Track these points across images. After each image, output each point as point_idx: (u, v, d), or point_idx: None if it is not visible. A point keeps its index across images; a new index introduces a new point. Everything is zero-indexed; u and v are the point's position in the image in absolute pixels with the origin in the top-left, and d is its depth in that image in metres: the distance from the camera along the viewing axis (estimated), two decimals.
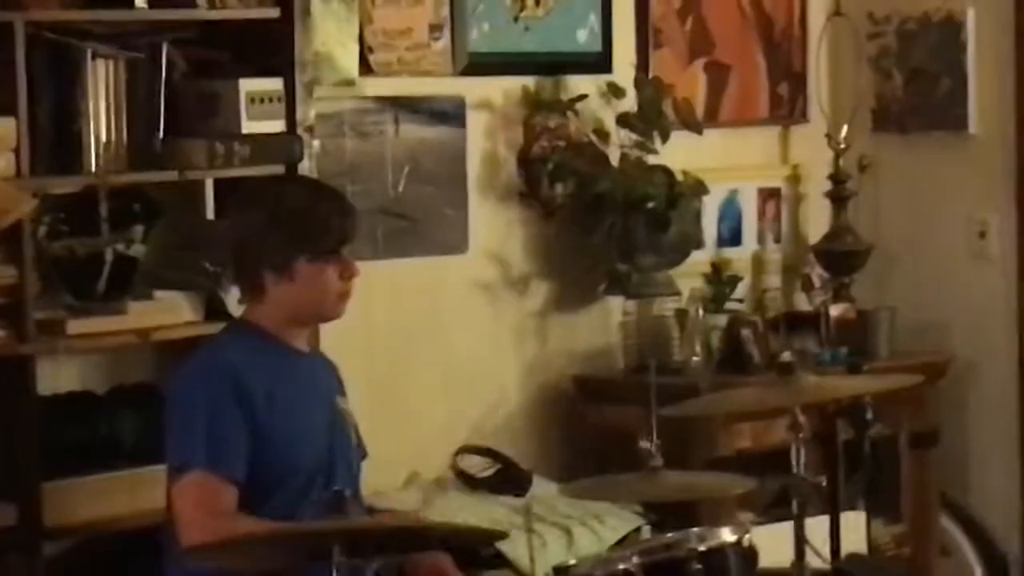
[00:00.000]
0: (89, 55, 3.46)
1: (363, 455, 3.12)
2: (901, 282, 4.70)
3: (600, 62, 4.40)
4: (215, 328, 3.31)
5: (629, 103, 4.26)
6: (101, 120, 3.43)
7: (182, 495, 2.85)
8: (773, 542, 3.07)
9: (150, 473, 3.29)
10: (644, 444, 3.10)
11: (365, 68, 3.97)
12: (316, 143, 3.78)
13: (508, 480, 3.82)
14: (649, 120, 4.21)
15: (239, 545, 2.56)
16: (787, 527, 2.98)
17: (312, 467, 2.95)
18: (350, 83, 3.93)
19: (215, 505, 2.85)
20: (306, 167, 3.62)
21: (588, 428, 4.19)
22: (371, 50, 4.00)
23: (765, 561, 2.93)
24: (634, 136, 4.22)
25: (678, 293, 4.26)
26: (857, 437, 4.05)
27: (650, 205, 4.12)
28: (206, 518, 2.81)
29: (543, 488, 3.80)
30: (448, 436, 4.03)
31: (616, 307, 4.29)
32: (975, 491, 4.54)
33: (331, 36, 3.99)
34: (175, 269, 3.62)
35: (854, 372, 4.00)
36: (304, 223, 3.06)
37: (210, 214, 3.73)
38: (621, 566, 2.66)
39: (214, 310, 3.55)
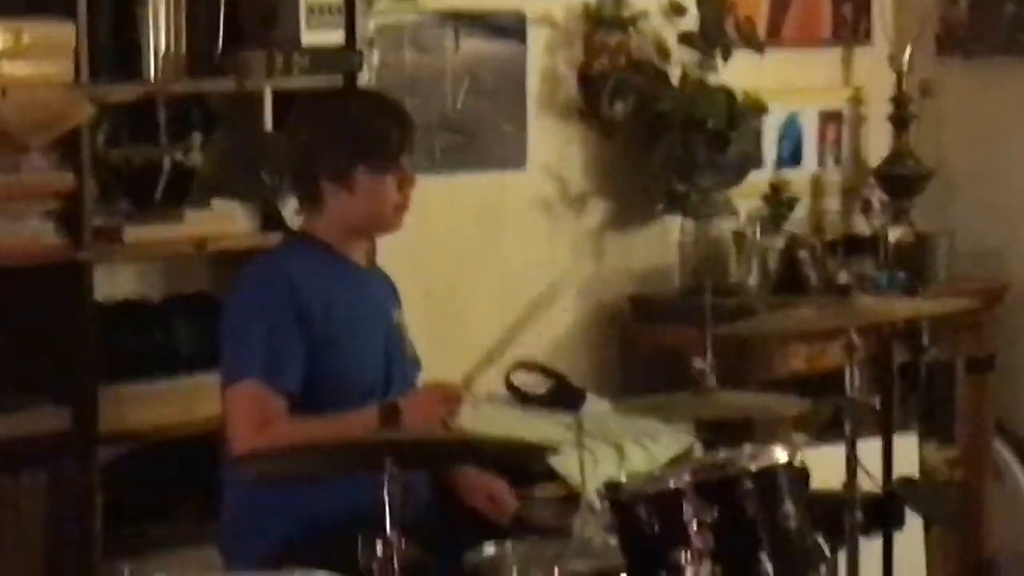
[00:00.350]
0: None
1: (417, 368, 3.05)
2: (961, 207, 4.58)
3: None
4: (272, 239, 3.23)
5: (691, 21, 4.14)
6: (160, 28, 3.26)
7: (234, 404, 2.82)
8: (825, 464, 2.96)
9: (205, 381, 3.20)
10: (698, 364, 2.98)
11: None
12: (375, 56, 3.68)
13: (561, 397, 3.47)
14: (710, 39, 4.11)
15: (289, 454, 2.51)
16: (839, 449, 2.97)
17: (369, 379, 2.88)
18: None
19: (266, 416, 2.78)
20: (365, 79, 3.52)
21: (643, 347, 4.14)
22: None
23: (816, 483, 2.80)
24: (695, 55, 4.13)
25: (736, 213, 4.17)
26: (913, 360, 4.13)
27: (710, 125, 4.02)
28: (256, 428, 2.77)
29: (596, 406, 3.54)
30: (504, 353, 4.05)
31: (674, 227, 4.19)
32: None
33: None
34: (233, 179, 3.52)
35: (911, 296, 4.06)
36: (364, 133, 2.97)
37: (268, 125, 3.48)
38: (672, 484, 2.54)
39: (271, 221, 3.42)
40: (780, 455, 2.65)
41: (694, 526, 2.42)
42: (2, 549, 3.20)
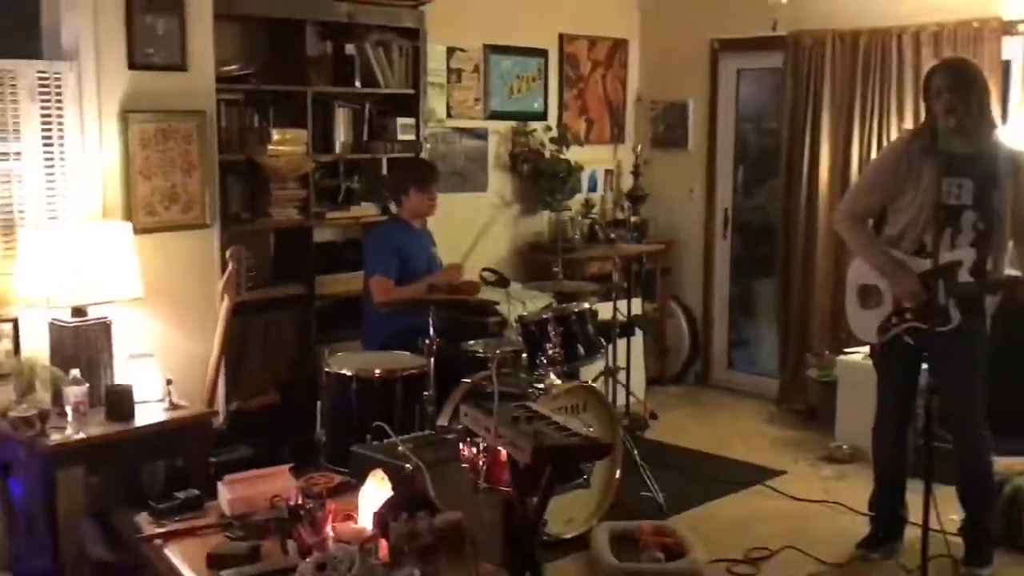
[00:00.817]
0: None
1: (442, 266, 5.03)
2: (656, 208, 6.91)
3: (543, 116, 6.59)
4: (384, 219, 5.29)
5: (553, 134, 6.54)
6: (341, 128, 5.35)
7: (372, 283, 4.74)
8: (604, 309, 5.22)
9: (357, 274, 5.08)
10: (555, 269, 5.54)
11: (448, 115, 6.12)
12: (427, 145, 5.76)
13: (501, 281, 5.26)
14: (562, 140, 6.51)
15: (403, 301, 4.54)
16: (610, 303, 5.27)
17: (423, 272, 4.84)
18: (441, 121, 6.08)
19: (386, 287, 4.71)
20: (423, 154, 5.61)
21: (534, 263, 6.39)
22: (450, 108, 6.12)
23: (601, 316, 4.94)
24: (556, 146, 6.48)
25: (570, 209, 6.58)
26: (638, 269, 5.98)
27: (561, 174, 6.41)
28: (383, 293, 4.69)
29: (515, 286, 5.65)
30: (475, 265, 5.43)
31: (545, 215, 6.58)
32: None
33: (434, 101, 5.94)
34: (370, 193, 5.58)
35: (638, 243, 6.26)
36: (416, 172, 5.02)
37: (384, 171, 5.62)
38: (545, 316, 4.42)
39: (386, 211, 5.43)
40: (585, 306, 4.64)
41: (553, 335, 4.31)
42: (266, 349, 5.09)
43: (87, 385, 3.81)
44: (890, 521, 4.26)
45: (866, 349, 4.53)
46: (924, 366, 4.03)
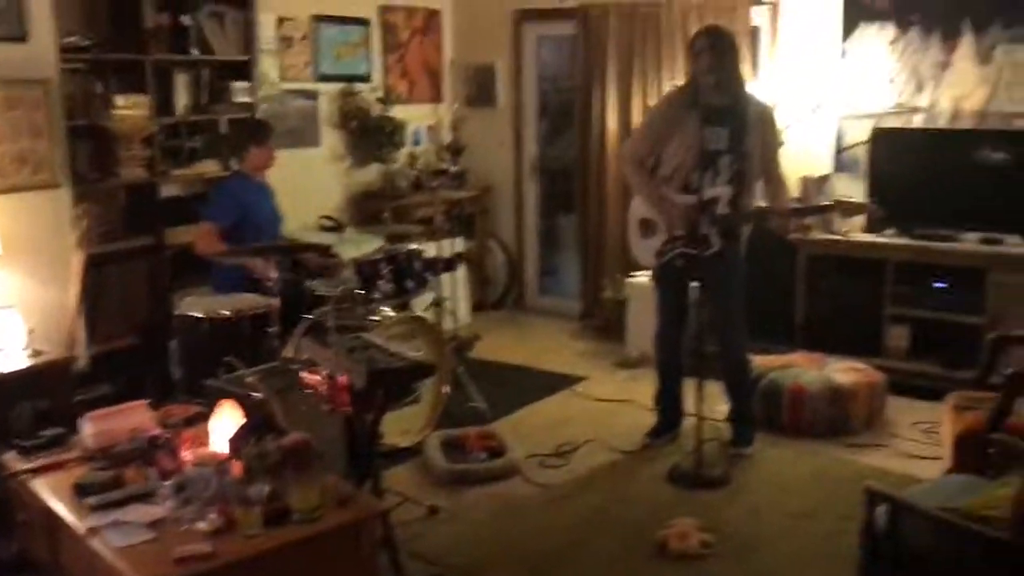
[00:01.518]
0: None
1: (281, 220, 4.88)
2: (473, 159, 6.90)
3: (368, 78, 6.45)
4: (227, 173, 5.05)
5: (378, 94, 6.41)
6: (182, 95, 5.22)
7: (200, 229, 4.54)
8: (432, 250, 5.13)
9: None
10: (385, 215, 5.63)
11: (280, 79, 5.93)
12: (262, 106, 5.60)
13: (338, 227, 5.64)
14: (388, 100, 6.45)
15: (224, 254, 4.37)
16: (434, 245, 5.10)
17: (264, 227, 4.65)
18: (274, 84, 5.89)
19: (208, 233, 4.50)
20: (259, 115, 5.41)
21: (367, 210, 6.27)
22: (282, 72, 5.93)
23: (428, 254, 4.86)
24: (381, 105, 6.37)
25: (396, 162, 6.49)
26: (471, 212, 6.63)
27: (388, 130, 6.35)
28: (208, 244, 4.50)
29: (351, 231, 5.82)
30: (313, 213, 5.89)
31: (376, 166, 6.45)
32: None
33: (267, 66, 5.77)
34: (213, 152, 5.33)
35: (458, 189, 6.73)
36: (254, 131, 4.85)
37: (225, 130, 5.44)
38: (377, 257, 4.48)
39: (227, 166, 5.24)
40: (413, 246, 4.71)
41: (385, 273, 4.43)
42: (123, 296, 4.91)
43: None
44: (671, 413, 4.48)
45: (649, 272, 4.66)
46: (694, 284, 4.20)
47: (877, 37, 5.41)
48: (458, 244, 6.18)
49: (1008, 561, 2.25)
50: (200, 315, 4.09)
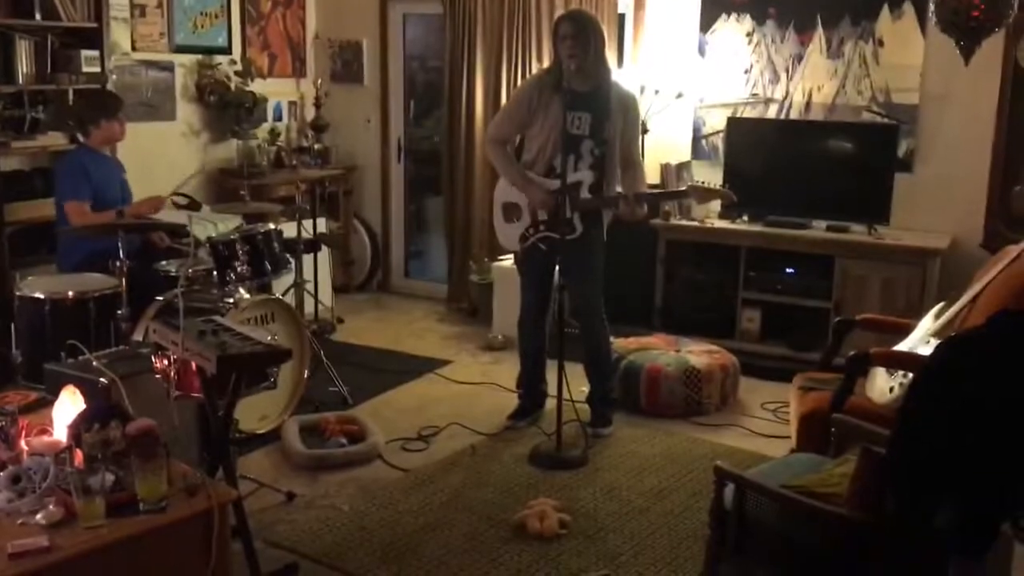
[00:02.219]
0: None
1: (131, 198, 4.78)
2: (337, 136, 6.80)
3: (228, 51, 6.29)
4: (74, 147, 4.90)
5: (237, 67, 6.27)
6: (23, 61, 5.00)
7: (69, 208, 4.47)
8: (289, 229, 5.18)
9: (47, 201, 4.90)
10: (242, 191, 5.15)
11: (133, 49, 5.73)
12: (113, 76, 5.46)
13: (193, 205, 5.27)
14: (246, 74, 6.29)
15: (98, 226, 4.19)
16: (295, 224, 5.21)
17: (114, 205, 4.52)
18: (127, 54, 5.69)
19: (82, 211, 4.46)
20: (108, 87, 5.25)
21: (224, 188, 6.08)
22: (134, 42, 5.73)
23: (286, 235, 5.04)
24: (240, 79, 6.24)
25: (256, 138, 6.36)
26: (325, 191, 6.89)
27: (247, 105, 6.20)
28: (78, 216, 4.43)
29: (206, 210, 5.47)
30: (166, 190, 5.46)
31: (234, 142, 6.31)
32: None
33: (118, 35, 5.57)
34: (60, 124, 5.15)
35: (321, 168, 6.32)
36: (102, 103, 4.74)
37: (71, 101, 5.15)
38: (232, 237, 4.23)
39: (73, 139, 5.04)
40: (271, 226, 4.48)
41: (241, 254, 4.19)
42: None
43: None
44: (533, 395, 4.55)
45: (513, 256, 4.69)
46: (557, 268, 4.28)
47: (735, 28, 5.61)
48: (321, 224, 6.02)
49: (845, 536, 2.37)
50: (42, 296, 3.91)
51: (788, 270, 5.32)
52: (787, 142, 5.47)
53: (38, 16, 4.97)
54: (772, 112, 5.58)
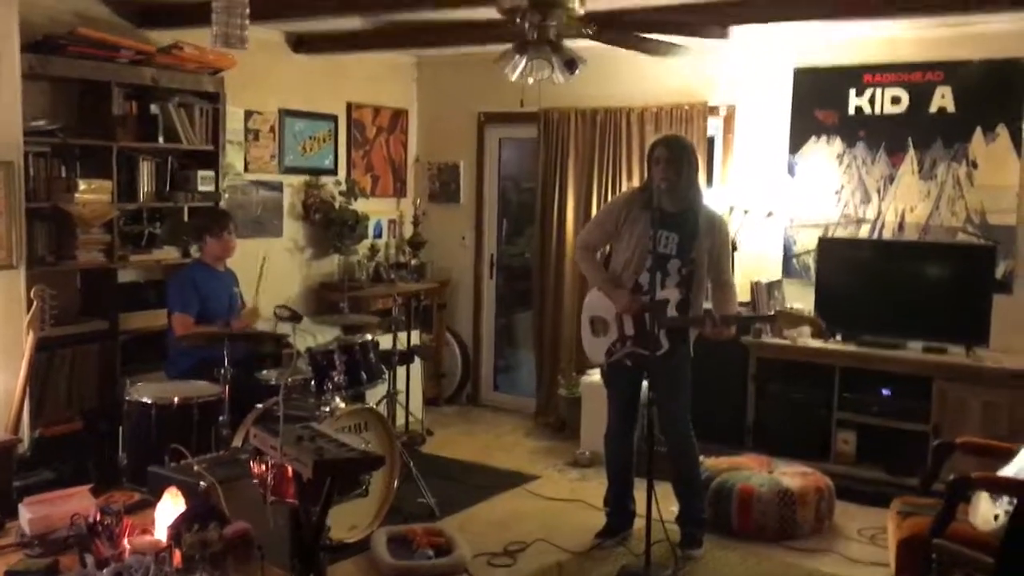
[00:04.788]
0: None
1: (244, 306, 4.96)
2: (434, 252, 6.94)
3: (334, 171, 6.57)
4: (187, 262, 5.17)
5: (342, 187, 6.53)
6: (144, 179, 5.20)
7: (174, 319, 4.67)
8: (385, 342, 5.26)
9: (159, 312, 5.02)
10: (342, 304, 5.44)
11: (245, 169, 6.00)
12: (226, 195, 5.67)
13: (293, 317, 4.36)
14: (350, 193, 6.54)
15: (193, 338, 4.42)
16: (392, 336, 5.35)
17: (221, 316, 4.68)
18: (239, 174, 5.96)
19: (187, 324, 4.62)
20: (222, 204, 5.53)
21: (324, 299, 6.33)
22: (247, 163, 6.01)
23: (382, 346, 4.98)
24: (344, 198, 6.49)
25: (357, 253, 6.56)
26: (421, 304, 6.42)
27: (350, 222, 6.41)
28: (183, 328, 4.60)
29: (306, 322, 5.16)
30: (271, 303, 5.13)
31: (335, 258, 6.54)
32: None
33: (232, 156, 5.84)
34: (173, 239, 5.40)
35: (418, 282, 6.30)
36: (212, 220, 4.96)
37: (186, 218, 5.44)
38: (331, 348, 4.41)
39: (187, 253, 5.34)
40: (368, 337, 4.64)
41: (338, 364, 4.33)
42: (72, 380, 4.90)
43: None
44: (621, 514, 4.47)
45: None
46: (645, 384, 4.27)
47: (825, 150, 5.64)
48: (415, 337, 6.11)
49: None
50: (149, 401, 4.06)
51: (884, 391, 5.19)
52: (881, 262, 5.40)
53: (161, 140, 5.28)
54: (864, 232, 5.53)
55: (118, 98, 5.10)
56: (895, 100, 5.42)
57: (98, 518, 2.74)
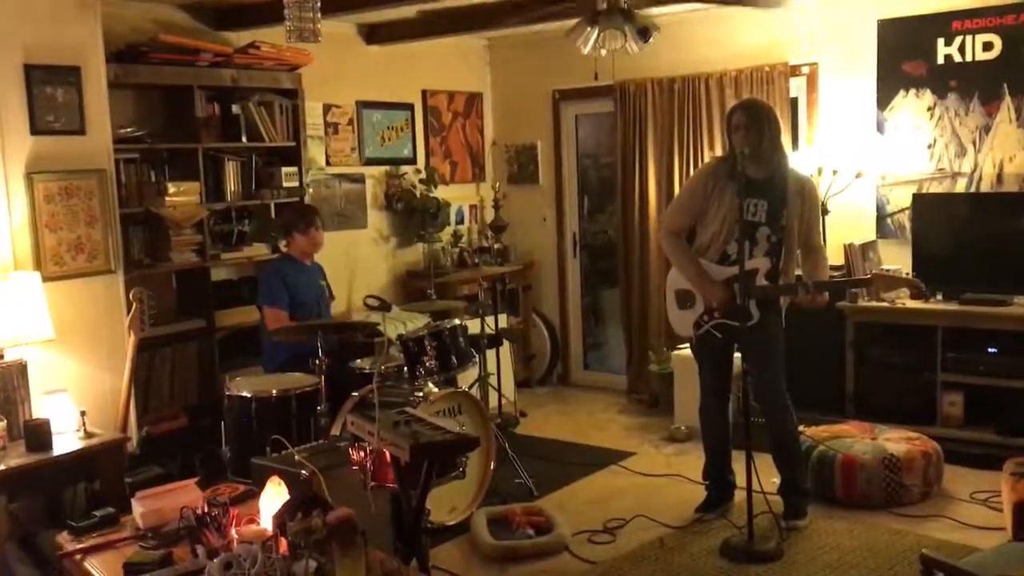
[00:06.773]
0: None
1: (333, 298, 5.09)
2: (515, 235, 6.95)
3: (413, 160, 6.59)
4: (275, 256, 5.26)
5: (422, 175, 6.56)
6: (230, 177, 5.39)
7: (266, 313, 4.73)
8: (476, 325, 5.32)
9: (253, 307, 5.07)
10: (428, 291, 5.68)
11: (327, 163, 6.08)
12: (310, 190, 5.77)
13: (383, 306, 4.97)
14: (430, 181, 6.55)
15: (290, 330, 4.44)
16: (479, 319, 5.26)
17: (312, 308, 4.85)
18: (322, 168, 6.03)
19: (279, 317, 4.69)
20: (306, 199, 5.62)
21: (410, 288, 6.39)
22: (328, 157, 6.07)
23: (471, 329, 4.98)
24: (424, 186, 6.51)
25: (441, 241, 6.60)
26: (503, 288, 6.05)
27: (431, 210, 6.44)
28: (276, 321, 4.67)
29: (396, 310, 5.49)
30: (360, 293, 5.77)
31: (420, 246, 6.57)
32: None
33: (314, 151, 5.90)
34: (261, 235, 5.54)
35: (501, 266, 6.46)
36: (298, 216, 4.97)
37: (272, 214, 5.57)
38: (422, 334, 4.42)
39: (276, 249, 5.43)
40: (456, 322, 4.62)
41: (429, 349, 4.36)
42: (173, 378, 5.08)
43: (4, 421, 3.72)
44: (720, 487, 4.41)
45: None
46: (737, 354, 4.18)
47: (915, 104, 5.43)
48: (503, 320, 6.14)
49: None
50: (248, 395, 4.15)
51: (990, 350, 4.98)
52: (980, 216, 5.17)
53: (244, 139, 5.39)
54: (960, 186, 5.32)
55: (200, 100, 5.22)
56: (987, 46, 5.17)
57: (206, 510, 2.81)
